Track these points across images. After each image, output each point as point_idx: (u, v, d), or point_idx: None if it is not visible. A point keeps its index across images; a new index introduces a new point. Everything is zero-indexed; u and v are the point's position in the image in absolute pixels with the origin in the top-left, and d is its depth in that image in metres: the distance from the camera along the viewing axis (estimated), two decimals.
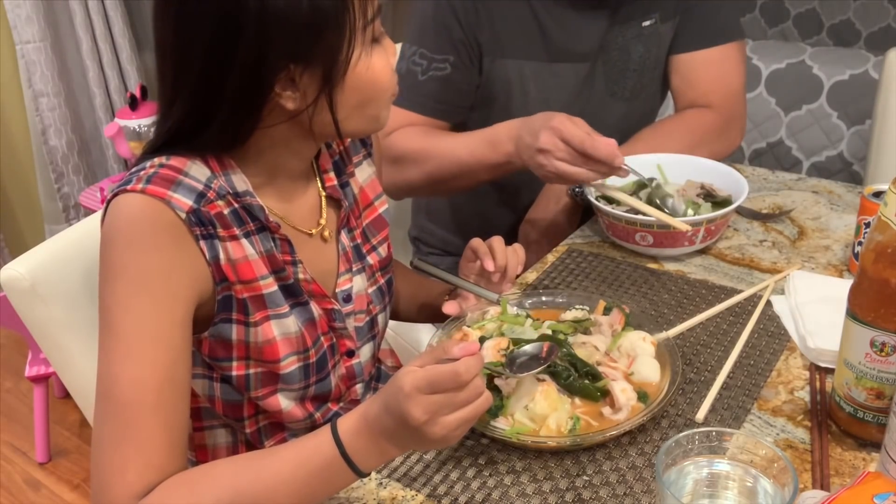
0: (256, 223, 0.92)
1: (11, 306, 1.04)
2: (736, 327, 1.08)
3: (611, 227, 1.27)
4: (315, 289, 0.97)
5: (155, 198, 0.84)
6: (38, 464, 2.25)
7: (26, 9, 2.48)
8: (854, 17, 2.70)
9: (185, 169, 0.88)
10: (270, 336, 0.93)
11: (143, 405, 0.82)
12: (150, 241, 0.83)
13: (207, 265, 0.87)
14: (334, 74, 0.84)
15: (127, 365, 0.82)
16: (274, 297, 0.92)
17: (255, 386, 0.95)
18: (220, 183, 0.89)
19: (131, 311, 0.83)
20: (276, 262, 0.93)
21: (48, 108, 2.61)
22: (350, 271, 1.03)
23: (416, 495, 0.85)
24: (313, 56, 0.82)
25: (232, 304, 0.90)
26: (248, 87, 0.83)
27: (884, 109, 1.71)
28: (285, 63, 0.82)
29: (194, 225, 0.85)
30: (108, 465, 0.81)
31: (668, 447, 0.72)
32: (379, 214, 1.10)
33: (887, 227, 0.78)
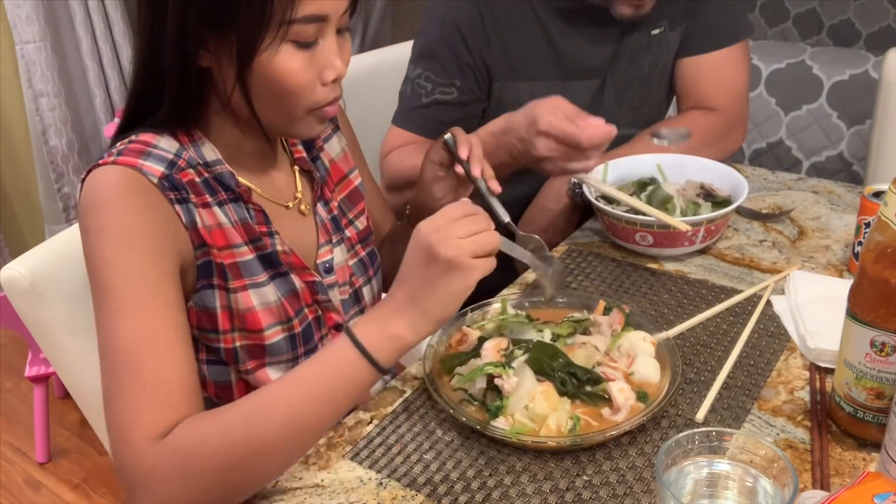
0: (229, 193, 0.94)
1: (11, 306, 1.04)
2: (736, 327, 1.08)
3: (611, 227, 1.27)
4: (294, 260, 0.99)
5: (126, 167, 0.87)
6: (38, 464, 2.25)
7: (26, 9, 2.48)
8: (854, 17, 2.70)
9: (153, 142, 0.91)
10: (250, 304, 0.94)
11: (148, 350, 0.81)
12: (127, 202, 0.86)
13: (185, 228, 0.89)
14: (242, 54, 0.85)
15: (124, 317, 0.82)
16: (250, 265, 0.94)
17: (244, 359, 0.96)
18: (190, 154, 0.92)
19: (118, 266, 0.84)
20: (251, 231, 0.95)
21: (48, 108, 2.61)
22: (330, 242, 1.05)
23: (416, 495, 0.85)
24: (227, 29, 0.84)
25: (212, 270, 0.92)
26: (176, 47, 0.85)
27: (884, 109, 1.71)
28: (205, 27, 0.84)
29: (167, 190, 0.88)
30: (124, 414, 0.80)
31: (668, 447, 0.72)
32: (355, 187, 1.12)
33: (887, 227, 0.78)
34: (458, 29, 1.34)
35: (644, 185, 1.31)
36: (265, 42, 0.85)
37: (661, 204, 1.24)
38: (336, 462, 0.90)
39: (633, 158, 1.37)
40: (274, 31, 0.84)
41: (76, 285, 1.05)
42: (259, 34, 0.84)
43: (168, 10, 0.84)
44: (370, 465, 0.89)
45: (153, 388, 0.80)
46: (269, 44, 0.85)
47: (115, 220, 0.85)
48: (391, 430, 0.94)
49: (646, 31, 1.40)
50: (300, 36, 0.86)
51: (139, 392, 0.80)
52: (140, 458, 0.78)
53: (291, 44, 0.87)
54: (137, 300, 0.83)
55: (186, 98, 0.90)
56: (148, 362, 0.81)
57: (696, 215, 1.23)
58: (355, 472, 0.88)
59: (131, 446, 0.79)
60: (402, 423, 0.95)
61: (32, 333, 1.06)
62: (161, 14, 0.85)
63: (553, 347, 0.95)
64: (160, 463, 0.78)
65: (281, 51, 0.86)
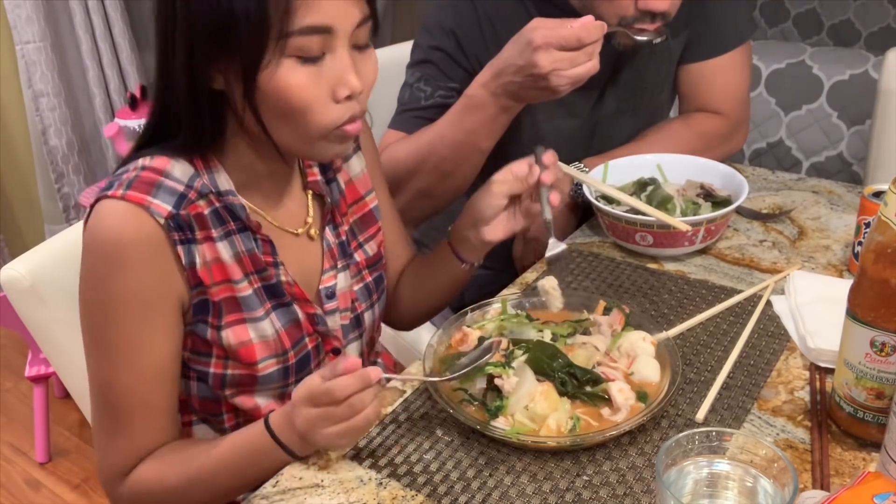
0: (238, 223, 0.93)
1: (11, 306, 1.04)
2: (736, 327, 1.08)
3: (611, 227, 1.27)
4: (297, 292, 0.98)
5: (135, 204, 0.86)
6: (38, 464, 2.25)
7: (26, 9, 2.48)
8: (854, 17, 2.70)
9: (166, 169, 0.90)
10: (245, 338, 0.94)
11: (133, 407, 0.91)
12: (131, 257, 0.86)
13: (182, 270, 0.90)
14: (245, 72, 0.83)
15: (115, 373, 0.90)
16: (249, 300, 0.94)
17: (231, 385, 0.97)
18: (203, 181, 0.91)
19: (117, 325, 0.88)
20: (257, 262, 0.95)
21: (48, 108, 2.61)
22: (334, 268, 1.04)
23: (416, 495, 0.85)
24: (230, 48, 0.82)
25: (208, 308, 0.92)
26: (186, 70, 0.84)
27: (884, 109, 1.71)
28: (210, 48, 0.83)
29: (172, 230, 0.88)
30: (105, 451, 0.94)
31: (668, 447, 0.72)
32: (370, 210, 1.10)
33: (887, 227, 0.78)
34: (455, 34, 1.34)
35: (644, 185, 1.31)
36: (266, 58, 0.82)
37: (661, 204, 1.24)
38: (336, 462, 0.90)
39: (633, 159, 1.37)
40: (273, 45, 0.82)
41: (76, 285, 1.05)
42: (260, 50, 0.82)
43: (176, 34, 0.84)
44: (370, 465, 0.89)
45: (131, 436, 0.93)
46: (269, 60, 0.82)
47: (117, 278, 0.86)
48: (391, 430, 0.94)
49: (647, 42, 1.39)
50: (302, 50, 0.83)
51: (119, 438, 0.93)
52: (111, 488, 0.95)
53: (294, 59, 0.83)
54: (130, 360, 0.90)
55: (201, 122, 0.88)
56: (130, 416, 0.92)
57: (696, 215, 1.23)
58: (355, 472, 0.88)
59: (106, 476, 0.95)
60: (402, 423, 0.95)
61: (32, 333, 1.06)
62: (170, 37, 0.84)
63: (553, 347, 0.95)
64: (123, 499, 0.95)
65: (282, 66, 0.83)
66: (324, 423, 0.83)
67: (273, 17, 0.81)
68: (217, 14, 0.81)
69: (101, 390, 0.92)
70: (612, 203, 1.26)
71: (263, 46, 0.82)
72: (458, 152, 1.27)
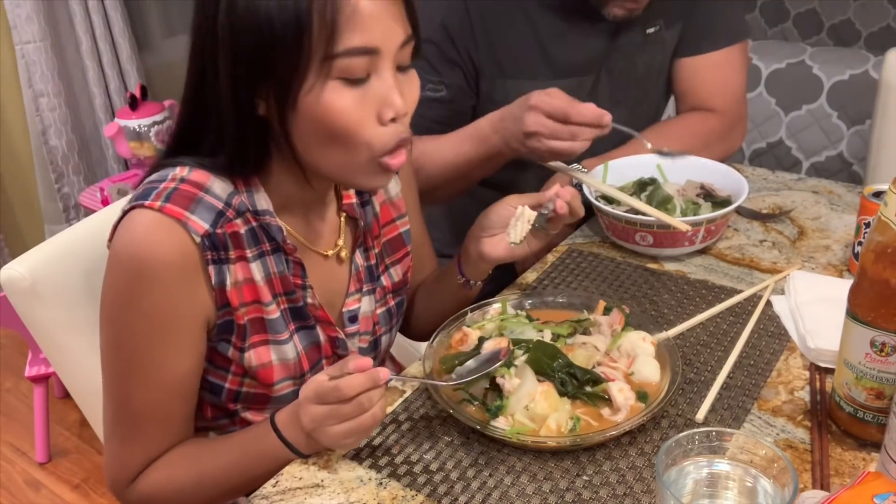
0: (273, 243, 0.92)
1: (11, 306, 1.04)
2: (736, 327, 1.08)
3: (611, 227, 1.27)
4: (322, 315, 0.98)
5: (172, 218, 0.84)
6: (38, 464, 2.25)
7: (26, 9, 2.48)
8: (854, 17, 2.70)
9: (206, 184, 0.88)
10: (266, 360, 0.94)
11: (150, 419, 0.91)
12: (161, 276, 0.84)
13: (211, 290, 0.88)
14: (284, 96, 0.81)
15: (134, 386, 0.90)
16: (275, 323, 0.93)
17: (244, 401, 0.97)
18: (242, 199, 0.90)
19: (141, 341, 0.88)
20: (287, 284, 0.94)
21: (48, 108, 2.61)
22: (360, 291, 1.03)
23: (416, 495, 0.85)
24: (270, 74, 0.81)
25: (232, 329, 0.92)
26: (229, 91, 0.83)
27: (884, 109, 1.71)
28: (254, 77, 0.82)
29: (207, 249, 0.86)
30: (116, 456, 0.94)
31: (668, 447, 0.72)
32: (399, 234, 1.09)
33: (887, 227, 0.78)
34: (445, 28, 1.34)
35: (644, 185, 1.31)
36: (308, 81, 0.80)
37: (661, 204, 1.24)
38: (336, 462, 0.90)
39: (633, 159, 1.36)
40: (316, 68, 0.80)
41: (76, 285, 1.05)
42: (298, 74, 0.80)
43: (219, 63, 0.82)
44: (370, 465, 0.89)
45: (145, 448, 0.93)
46: (312, 83, 0.80)
47: (146, 295, 0.85)
48: (391, 430, 0.94)
49: (640, 30, 1.40)
50: (348, 72, 0.81)
51: (132, 445, 0.93)
52: (121, 491, 0.96)
53: (339, 80, 0.81)
54: (154, 376, 0.90)
55: (244, 150, 0.87)
56: (149, 428, 0.92)
57: (696, 215, 1.23)
58: (355, 472, 0.88)
59: (115, 479, 0.95)
60: (402, 423, 0.95)
61: (32, 333, 1.06)
62: (212, 60, 0.83)
63: (553, 347, 0.95)
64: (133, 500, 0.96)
65: (327, 88, 0.81)
66: (330, 421, 0.83)
67: (317, 39, 0.79)
68: (260, 38, 0.79)
69: (117, 401, 0.92)
70: (612, 203, 1.26)
71: (306, 69, 0.80)
72: (450, 174, 1.32)
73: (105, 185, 2.57)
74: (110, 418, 0.93)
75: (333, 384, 0.82)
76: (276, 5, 0.78)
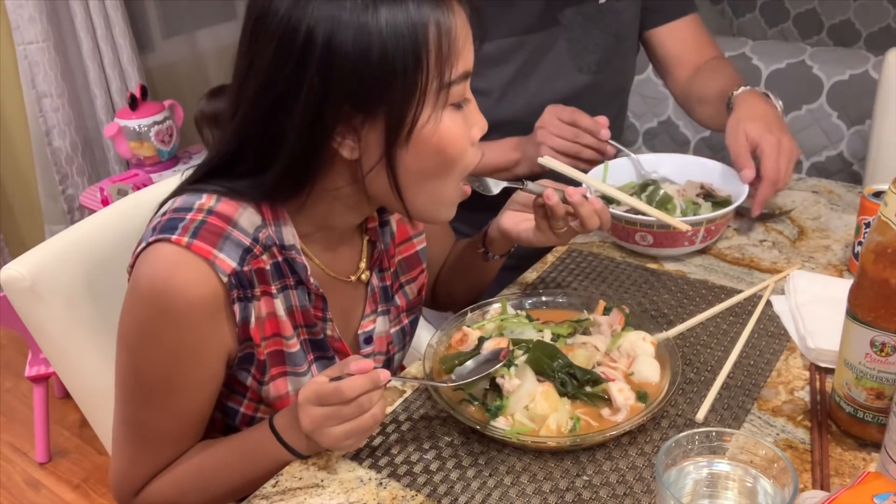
0: (296, 277, 0.91)
1: (11, 306, 1.04)
2: (736, 327, 1.08)
3: (611, 226, 1.27)
4: (340, 347, 0.98)
5: (199, 256, 0.82)
6: (38, 464, 2.25)
7: (29, 9, 2.48)
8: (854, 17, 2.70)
9: (234, 218, 0.86)
10: (283, 391, 0.94)
11: (164, 441, 0.92)
12: (187, 315, 0.83)
13: (234, 327, 0.88)
14: (397, 131, 0.80)
15: (151, 412, 0.90)
16: (295, 356, 0.93)
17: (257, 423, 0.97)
18: (269, 233, 0.88)
19: (161, 374, 0.87)
20: (308, 317, 0.94)
21: (51, 109, 2.61)
22: (375, 312, 1.03)
23: (416, 495, 0.85)
24: (376, 108, 0.79)
25: (252, 361, 0.91)
26: (306, 125, 0.79)
27: (883, 109, 1.71)
28: (347, 108, 0.79)
29: (233, 288, 0.85)
30: (126, 467, 0.93)
31: (668, 447, 0.72)
32: (416, 252, 1.09)
33: (887, 227, 0.78)
34: None
35: (644, 185, 1.31)
36: (426, 112, 0.79)
37: (662, 204, 1.24)
38: (336, 462, 0.90)
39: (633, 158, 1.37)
40: (433, 97, 0.79)
41: (76, 285, 1.05)
42: (417, 105, 0.78)
43: (300, 97, 0.78)
44: (370, 465, 0.89)
45: (154, 464, 0.92)
46: (430, 113, 0.80)
47: (170, 333, 0.84)
48: (391, 430, 0.94)
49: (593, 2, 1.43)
50: (456, 97, 0.82)
51: (142, 464, 0.92)
52: (126, 501, 0.95)
53: (451, 107, 0.82)
54: (170, 405, 0.89)
55: (298, 180, 0.84)
56: (161, 450, 0.92)
57: (696, 215, 1.23)
58: (355, 472, 0.88)
59: (122, 491, 0.94)
60: (402, 423, 0.95)
61: (32, 333, 1.06)
62: (289, 99, 0.78)
63: (552, 347, 0.95)
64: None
65: (444, 118, 0.81)
66: (331, 422, 0.82)
67: (432, 69, 0.78)
68: (369, 75, 0.77)
69: (130, 422, 0.91)
70: (612, 203, 1.26)
71: (422, 100, 0.79)
72: None
73: (105, 185, 2.57)
74: (121, 435, 0.93)
75: (334, 386, 0.81)
76: (393, 40, 0.76)
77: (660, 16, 1.52)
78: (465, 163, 0.87)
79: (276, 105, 0.80)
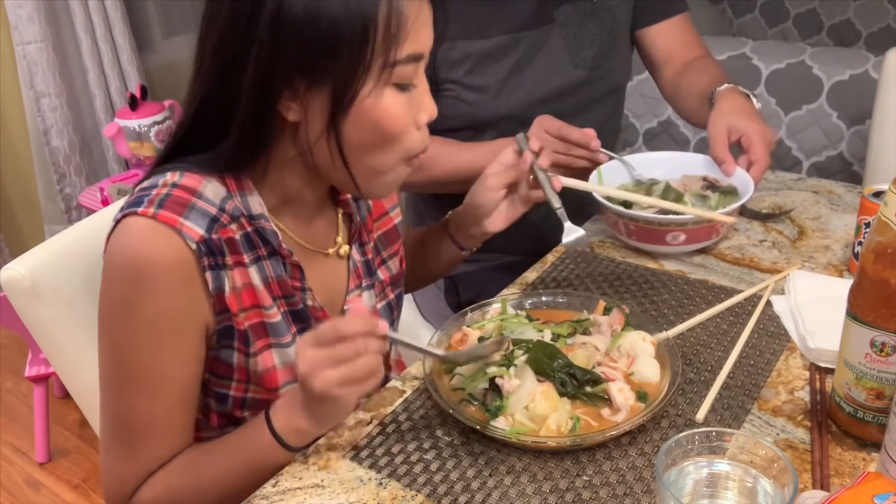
0: (269, 247, 0.91)
1: (11, 306, 1.04)
2: (736, 327, 1.08)
3: (636, 231, 1.25)
4: (322, 316, 0.98)
5: (166, 225, 0.83)
6: (38, 464, 2.25)
7: (27, 9, 2.48)
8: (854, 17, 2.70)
9: (199, 189, 0.87)
10: (270, 364, 0.94)
11: (150, 432, 0.90)
12: (159, 281, 0.83)
13: (209, 296, 0.88)
14: (340, 101, 0.81)
15: (135, 398, 0.88)
16: (277, 326, 0.93)
17: (251, 407, 0.96)
18: (235, 203, 0.89)
19: (141, 350, 0.86)
20: (286, 287, 0.93)
21: (50, 109, 2.61)
22: (360, 287, 1.03)
23: (416, 495, 0.85)
24: (322, 76, 0.81)
25: (233, 334, 0.91)
26: (257, 88, 0.81)
27: (883, 109, 1.71)
28: (295, 74, 0.81)
29: (203, 255, 0.85)
30: (116, 470, 0.92)
31: (668, 447, 0.72)
32: (393, 226, 1.10)
33: (887, 227, 0.78)
34: None
35: (648, 187, 1.31)
36: (367, 86, 0.81)
37: (676, 202, 1.24)
38: (336, 462, 0.90)
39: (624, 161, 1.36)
40: (377, 74, 0.81)
41: (76, 285, 1.05)
42: (359, 78, 0.80)
43: (250, 57, 0.80)
44: (370, 465, 0.89)
45: (146, 462, 0.91)
46: (371, 88, 0.81)
47: (144, 303, 0.84)
48: (391, 430, 0.94)
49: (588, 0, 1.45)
50: (402, 77, 0.83)
51: (133, 460, 0.91)
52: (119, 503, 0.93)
53: (394, 87, 0.83)
54: (154, 387, 0.88)
55: (255, 147, 0.86)
56: (148, 442, 0.90)
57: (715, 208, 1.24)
58: (355, 472, 0.88)
59: (114, 494, 0.92)
60: (402, 423, 0.95)
61: (32, 333, 1.06)
62: (239, 59, 0.81)
63: (552, 347, 0.95)
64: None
65: (385, 95, 0.83)
66: (325, 362, 0.79)
67: (379, 45, 0.79)
68: (319, 41, 0.79)
69: (117, 415, 0.90)
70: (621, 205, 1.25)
71: (366, 75, 0.80)
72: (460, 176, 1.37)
73: (105, 184, 2.57)
74: (109, 434, 0.91)
75: (331, 324, 0.80)
76: (342, 10, 0.78)
77: (652, 15, 1.54)
78: (408, 145, 0.88)
79: (229, 63, 0.82)
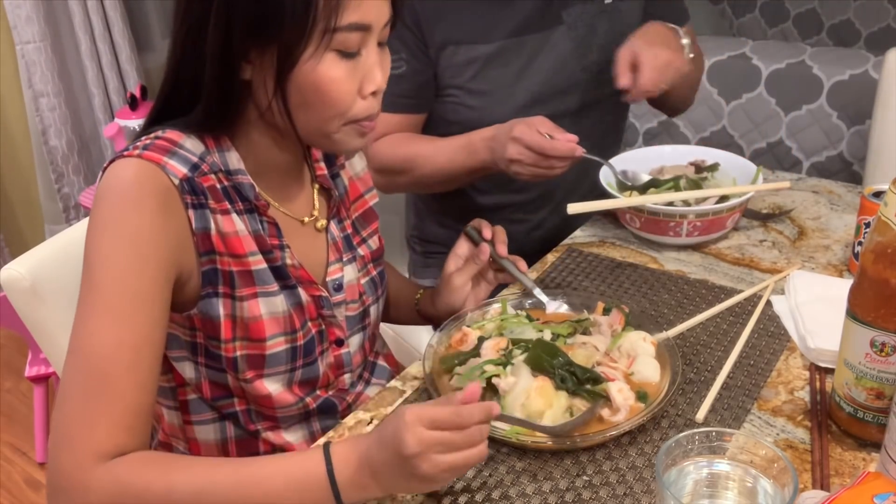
0: (246, 203, 0.94)
1: (11, 306, 1.04)
2: (736, 327, 1.08)
3: (647, 224, 1.26)
4: (303, 274, 0.98)
5: (151, 162, 0.87)
6: (38, 464, 2.25)
7: (26, 9, 2.48)
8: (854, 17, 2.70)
9: (180, 141, 0.91)
10: (257, 313, 0.94)
11: (119, 363, 0.81)
12: (142, 201, 0.85)
13: (192, 235, 0.89)
14: (285, 63, 0.85)
15: (105, 320, 0.82)
16: (262, 274, 0.94)
17: (243, 368, 0.96)
18: (213, 159, 0.92)
19: (115, 267, 0.84)
20: (263, 243, 0.95)
21: (48, 109, 2.61)
22: (340, 260, 1.05)
23: (416, 495, 0.85)
24: (269, 39, 0.84)
25: (217, 277, 0.91)
26: (218, 51, 0.85)
27: (883, 109, 1.71)
28: (248, 37, 0.84)
29: (186, 193, 0.88)
30: (76, 419, 0.80)
31: (668, 447, 0.72)
32: (370, 207, 1.13)
33: (887, 227, 0.78)
34: None
35: (646, 186, 1.31)
36: (308, 50, 0.84)
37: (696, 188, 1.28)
38: None
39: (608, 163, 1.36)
40: (318, 39, 0.84)
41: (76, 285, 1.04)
42: (301, 42, 0.83)
43: (210, 22, 0.84)
44: None
45: (113, 403, 0.80)
46: (312, 52, 0.84)
47: (123, 218, 0.85)
48: None
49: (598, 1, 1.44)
50: (344, 45, 0.86)
51: (97, 402, 0.80)
52: (80, 469, 0.78)
53: (335, 53, 0.86)
54: (124, 307, 0.83)
55: (223, 107, 0.90)
56: (115, 376, 0.81)
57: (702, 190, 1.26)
58: None
59: (74, 453, 0.79)
60: None
61: (32, 333, 1.06)
62: (201, 24, 0.85)
63: (553, 346, 0.95)
64: (99, 485, 0.78)
65: (325, 59, 0.85)
66: (439, 448, 0.76)
67: (321, 12, 0.83)
68: (262, 5, 0.82)
69: (84, 345, 0.82)
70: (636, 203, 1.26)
71: (307, 39, 0.84)
72: (441, 176, 1.40)
73: None
74: (73, 382, 0.81)
75: (453, 409, 0.77)
76: None
77: None
78: (350, 112, 0.89)
79: (195, 30, 0.86)
